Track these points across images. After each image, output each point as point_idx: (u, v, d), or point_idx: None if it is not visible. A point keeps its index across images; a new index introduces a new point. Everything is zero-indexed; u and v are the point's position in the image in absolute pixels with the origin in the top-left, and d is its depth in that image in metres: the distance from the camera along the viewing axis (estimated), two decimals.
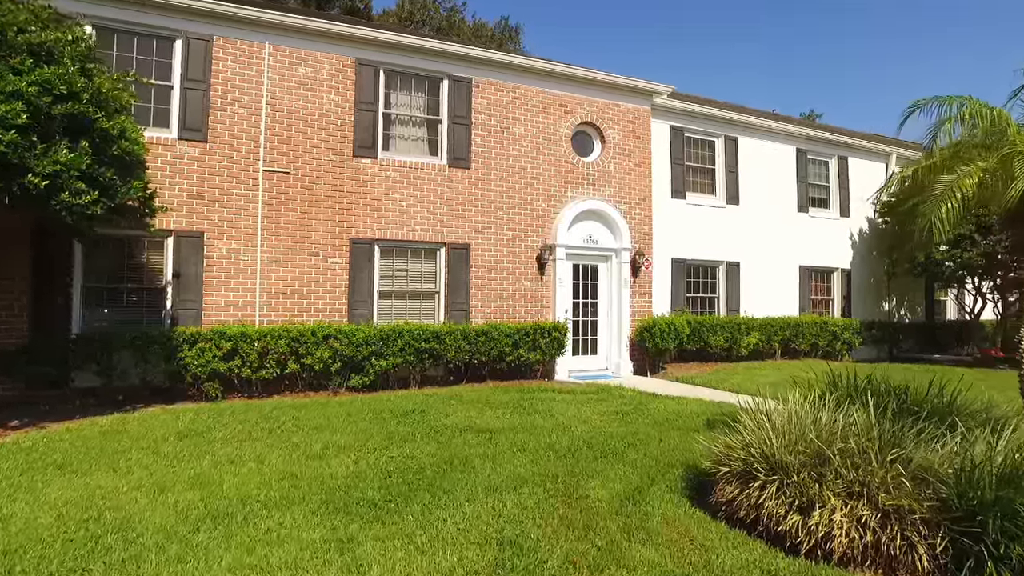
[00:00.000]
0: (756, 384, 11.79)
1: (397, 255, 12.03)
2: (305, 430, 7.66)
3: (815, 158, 17.75)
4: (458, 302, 12.24)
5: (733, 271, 16.07)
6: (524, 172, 12.98)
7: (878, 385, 5.67)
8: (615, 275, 13.70)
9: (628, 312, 13.66)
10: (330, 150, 11.51)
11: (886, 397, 5.27)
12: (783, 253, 16.87)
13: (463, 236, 12.39)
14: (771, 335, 15.54)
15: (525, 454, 6.60)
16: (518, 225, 12.86)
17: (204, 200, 10.60)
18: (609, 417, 8.43)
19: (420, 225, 12.08)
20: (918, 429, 4.50)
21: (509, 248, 12.76)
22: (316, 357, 10.41)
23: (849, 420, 4.63)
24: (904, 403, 5.22)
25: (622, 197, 13.92)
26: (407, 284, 12.09)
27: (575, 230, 13.33)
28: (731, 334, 14.81)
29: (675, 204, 15.31)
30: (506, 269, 12.70)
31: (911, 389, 5.77)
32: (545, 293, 13.04)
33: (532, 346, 11.98)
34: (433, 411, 8.74)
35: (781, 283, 16.85)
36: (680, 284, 15.29)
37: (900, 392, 5.51)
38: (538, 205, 13.06)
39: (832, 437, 4.52)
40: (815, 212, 17.62)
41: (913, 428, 4.51)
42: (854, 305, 18.10)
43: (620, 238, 13.63)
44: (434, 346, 11.18)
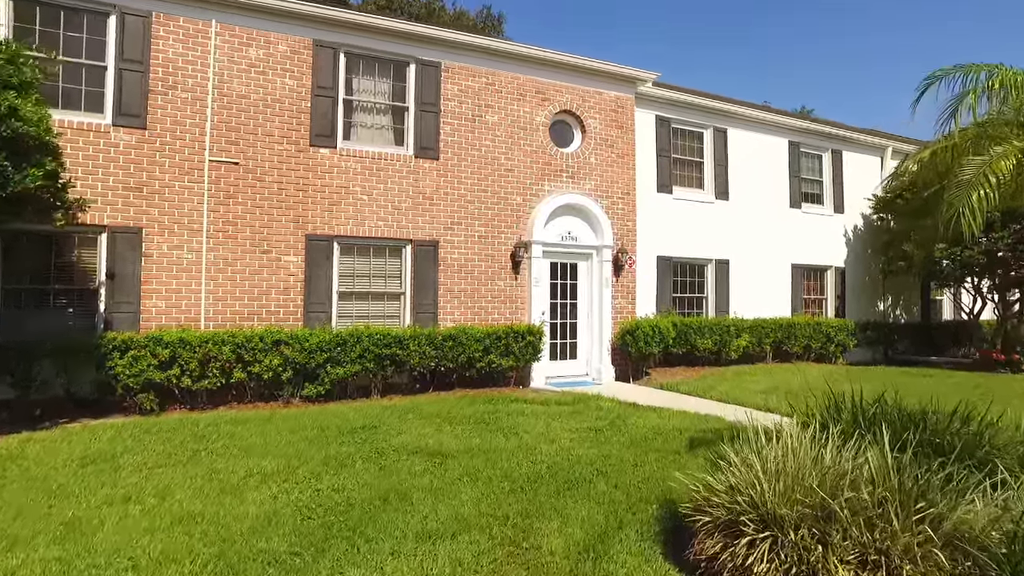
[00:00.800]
0: (746, 392, 10.87)
1: (359, 253, 11.02)
2: (234, 452, 6.65)
3: (808, 151, 16.80)
4: (425, 304, 11.24)
5: (722, 270, 15.12)
6: (498, 164, 11.98)
7: (890, 410, 4.69)
8: (596, 274, 12.72)
9: (610, 314, 12.69)
10: (284, 139, 10.48)
11: (902, 427, 4.29)
12: (775, 251, 15.93)
13: (431, 232, 11.38)
14: (762, 337, 14.60)
15: (476, 486, 5.61)
16: (491, 221, 11.87)
17: (143, 193, 9.56)
18: (581, 435, 7.45)
19: (384, 220, 11.07)
20: (947, 475, 3.53)
21: (481, 245, 11.76)
22: (265, 365, 9.41)
23: (859, 462, 3.65)
24: (924, 434, 4.24)
25: (604, 191, 12.94)
26: (370, 284, 11.08)
27: (553, 226, 12.35)
28: (720, 336, 13.86)
29: (661, 199, 14.34)
30: (478, 268, 11.71)
31: (928, 412, 4.81)
32: (520, 294, 12.06)
33: (504, 351, 11.00)
34: (386, 427, 7.74)
35: (772, 282, 15.91)
36: (666, 284, 14.33)
37: (917, 419, 4.53)
38: (513, 199, 12.07)
39: (839, 484, 3.55)
40: (808, 208, 16.68)
41: (941, 472, 3.54)
42: (848, 305, 17.18)
43: (601, 234, 12.65)
44: (396, 352, 10.18)
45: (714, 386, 11.39)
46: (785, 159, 16.25)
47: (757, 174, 15.71)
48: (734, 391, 10.87)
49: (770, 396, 10.43)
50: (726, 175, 15.25)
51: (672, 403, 9.79)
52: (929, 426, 4.37)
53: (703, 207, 14.94)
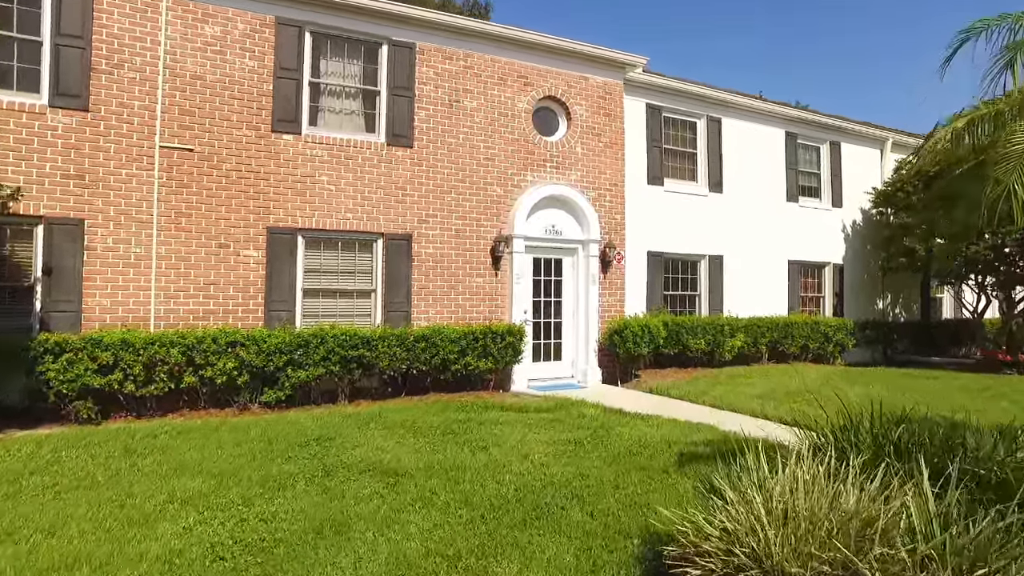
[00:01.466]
0: (741, 396, 10.06)
1: (326, 247, 10.16)
2: (163, 470, 5.81)
3: (806, 143, 16.00)
4: (397, 302, 10.39)
5: (716, 266, 14.31)
6: (477, 152, 11.13)
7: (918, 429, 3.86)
8: (582, 270, 11.90)
9: (597, 312, 11.87)
10: (244, 124, 9.61)
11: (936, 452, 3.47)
12: (771, 246, 15.12)
13: (404, 225, 10.53)
14: (758, 337, 13.79)
15: (429, 514, 4.78)
16: (469, 213, 11.02)
17: (85, 181, 8.69)
18: (558, 449, 6.62)
19: (353, 212, 10.21)
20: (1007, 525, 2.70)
21: (458, 239, 10.91)
22: (218, 368, 8.55)
23: (893, 506, 2.82)
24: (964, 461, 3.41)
25: (590, 182, 12.10)
26: (338, 281, 10.23)
27: (536, 219, 11.51)
28: (713, 336, 13.05)
29: (651, 191, 13.52)
30: (455, 263, 10.87)
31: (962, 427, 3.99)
32: (501, 291, 11.22)
33: (482, 353, 10.16)
34: (342, 439, 6.90)
35: (768, 279, 15.11)
36: (657, 280, 13.50)
37: (955, 442, 3.69)
38: (493, 190, 11.23)
39: (866, 535, 2.73)
40: (805, 202, 15.88)
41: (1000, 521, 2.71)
42: (847, 303, 16.39)
43: (588, 228, 11.82)
44: (364, 354, 9.33)
45: (707, 390, 10.57)
46: (782, 151, 15.44)
47: (753, 166, 14.90)
48: (728, 395, 10.06)
49: (767, 401, 9.62)
50: (720, 167, 14.43)
51: (661, 409, 8.97)
52: (969, 451, 3.53)
53: (696, 200, 14.13)
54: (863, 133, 16.67)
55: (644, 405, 9.35)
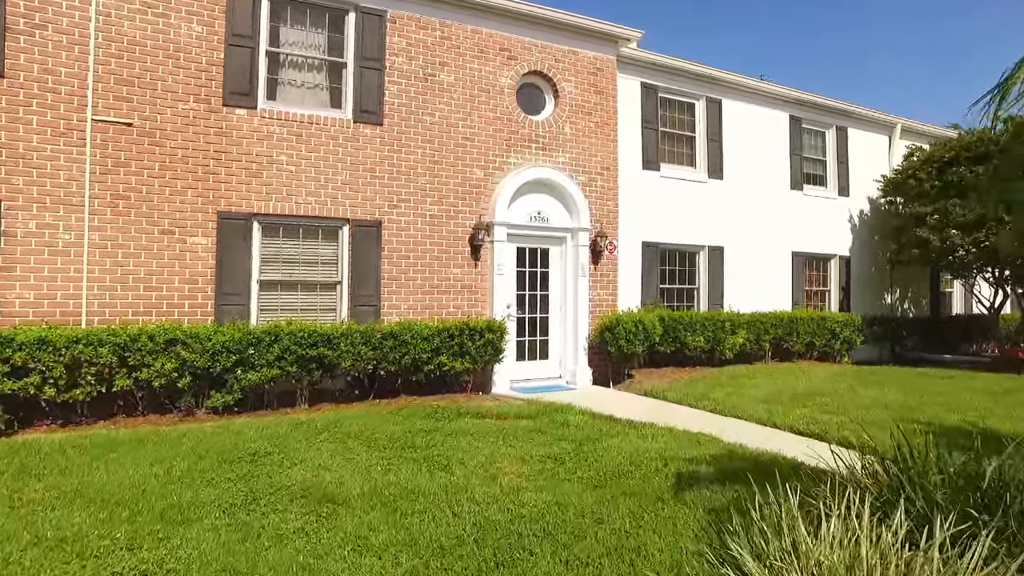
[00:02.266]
0: (745, 400, 9.00)
1: (285, 234, 9.08)
2: (53, 497, 4.74)
3: (811, 128, 14.93)
4: (365, 295, 9.32)
5: (716, 258, 13.25)
6: (454, 131, 10.04)
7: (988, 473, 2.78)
8: (571, 262, 10.83)
9: (587, 307, 10.80)
10: (191, 96, 8.52)
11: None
12: (774, 237, 14.06)
13: (372, 211, 9.45)
14: (760, 334, 12.74)
15: (359, 563, 3.72)
16: (446, 198, 9.94)
17: (1, 157, 7.59)
18: (534, 468, 5.56)
19: (315, 196, 9.13)
20: None
21: (433, 227, 9.83)
22: (155, 370, 7.48)
23: None
24: None
25: (580, 165, 11.03)
26: (298, 272, 9.15)
27: (520, 205, 10.43)
28: (713, 333, 11.99)
29: (647, 177, 12.44)
30: (429, 253, 9.79)
31: None
32: (481, 283, 10.14)
33: (458, 352, 9.09)
34: (284, 454, 5.84)
35: (771, 272, 14.05)
36: (652, 273, 12.44)
37: None
38: (472, 173, 10.14)
39: None
40: (810, 190, 14.81)
41: None
42: (853, 298, 15.35)
43: (577, 216, 10.75)
44: (324, 353, 8.27)
45: (707, 392, 9.52)
46: (786, 135, 14.37)
47: (755, 151, 13.83)
48: (731, 399, 9.00)
49: (774, 406, 8.57)
50: (720, 151, 13.36)
51: (656, 415, 7.92)
52: None
53: (695, 187, 13.06)
54: (871, 118, 15.59)
55: (637, 410, 8.30)
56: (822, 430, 7.25)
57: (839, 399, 9.19)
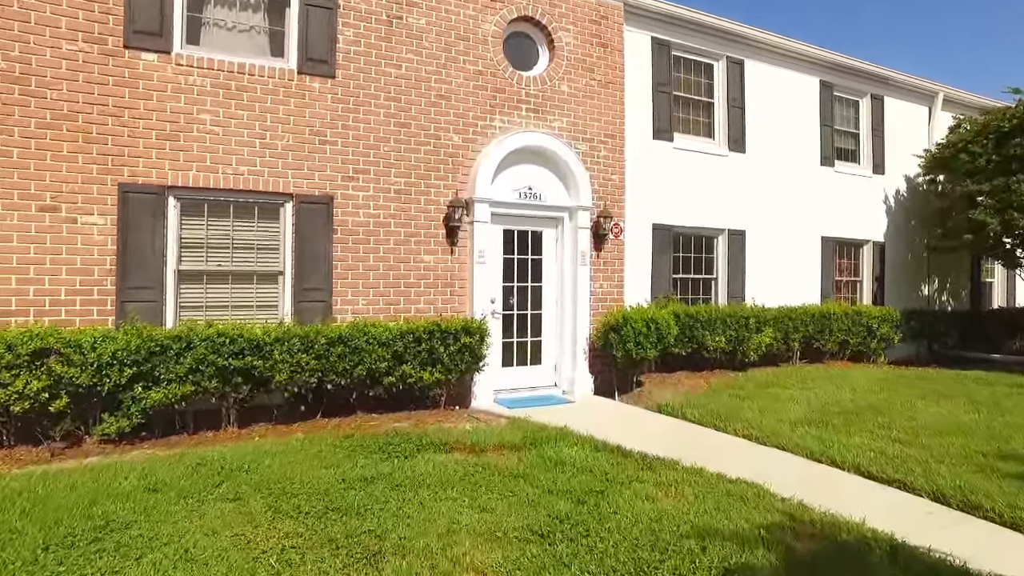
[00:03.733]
0: (785, 421, 7.09)
1: (212, 213, 7.14)
2: None
3: (843, 95, 12.91)
4: (313, 288, 7.38)
5: (737, 243, 11.29)
6: (426, 87, 8.06)
7: None
8: (568, 247, 8.88)
9: (587, 302, 8.87)
10: (81, 34, 6.54)
11: None
12: (802, 220, 12.10)
13: (322, 184, 7.50)
14: (789, 332, 10.80)
15: None
16: (415, 169, 7.98)
17: None
18: (511, 556, 3.64)
19: (249, 165, 7.17)
20: None
21: (399, 204, 7.88)
22: (14, 390, 5.57)
23: None
24: None
25: (580, 132, 9.05)
26: (229, 260, 7.21)
27: (507, 179, 8.47)
28: (736, 332, 10.05)
29: (658, 148, 10.47)
30: (394, 237, 7.84)
31: None
32: (458, 274, 8.20)
33: (427, 359, 7.18)
34: (142, 529, 3.93)
35: (799, 260, 12.10)
36: (664, 261, 10.49)
37: None
38: (448, 139, 8.17)
39: None
40: (842, 167, 12.82)
41: None
42: (888, 289, 13.40)
43: (576, 192, 8.79)
44: (253, 364, 6.35)
45: (735, 408, 7.61)
46: (815, 104, 12.36)
47: (781, 121, 11.84)
48: (767, 419, 7.09)
49: (823, 430, 6.66)
50: (742, 121, 11.36)
51: (678, 445, 6.01)
52: None
53: (713, 161, 11.08)
54: (910, 86, 13.55)
55: (652, 436, 6.39)
56: (901, 472, 5.35)
57: (900, 419, 7.29)
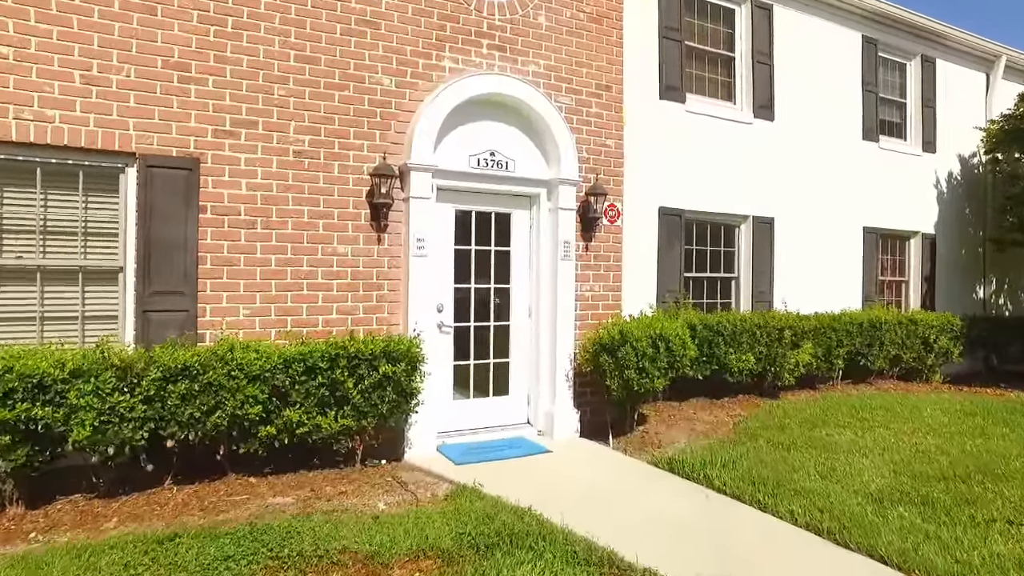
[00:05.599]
0: (863, 494, 4.66)
1: (7, 177, 4.72)
2: None
3: (889, 56, 10.49)
4: (168, 292, 4.95)
5: (763, 233, 8.88)
6: (344, 8, 5.61)
7: None
8: (546, 235, 6.44)
9: (572, 310, 6.43)
10: None
11: None
12: (841, 206, 9.70)
13: (183, 141, 5.04)
14: (831, 347, 8.39)
15: None
16: (326, 123, 5.53)
17: None
18: None
19: (64, 108, 4.73)
20: None
21: (301, 172, 5.43)
22: None
23: None
24: None
25: (563, 80, 6.61)
26: (40, 249, 4.79)
27: (460, 140, 6.03)
28: (767, 348, 7.63)
29: (666, 111, 8.05)
30: (293, 218, 5.39)
31: None
32: (388, 271, 5.77)
33: (327, 399, 4.76)
34: None
35: (836, 255, 9.70)
36: (673, 255, 8.08)
37: None
38: (375, 82, 5.72)
39: None
40: (887, 143, 10.40)
41: None
42: (938, 291, 11.00)
43: (557, 161, 6.35)
44: (36, 413, 3.95)
45: (783, 469, 5.19)
46: (857, 63, 9.94)
47: (817, 83, 9.43)
48: (835, 490, 4.66)
49: (933, 517, 4.26)
50: (771, 80, 8.94)
51: (708, 545, 3.60)
52: None
53: (735, 130, 8.66)
54: (968, 46, 11.11)
55: (665, 520, 3.99)
56: None
57: None
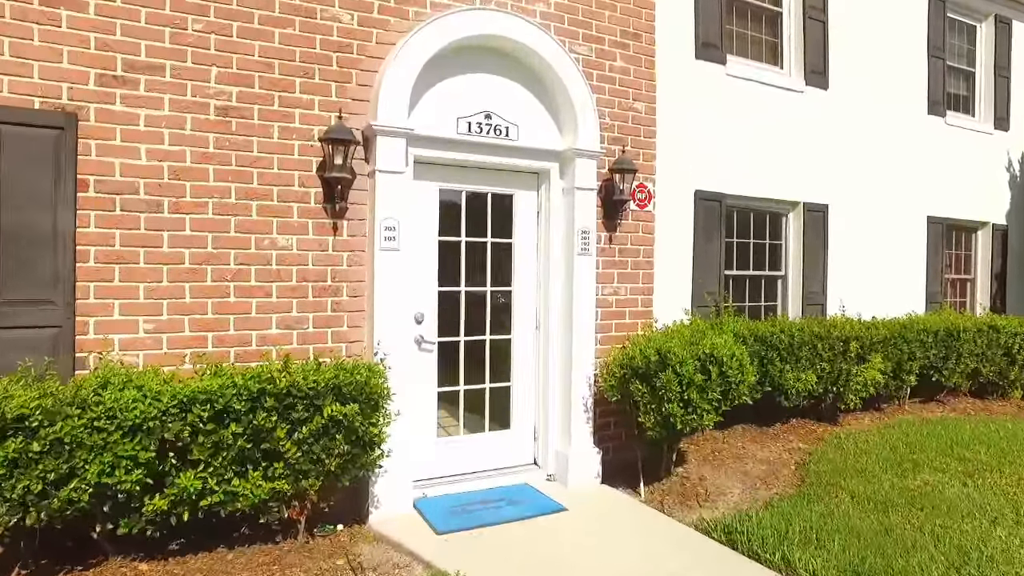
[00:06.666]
0: None
1: None
2: None
3: (958, 17, 8.93)
4: (29, 301, 3.50)
5: (815, 224, 7.37)
6: None
7: None
8: (559, 223, 4.95)
9: (592, 319, 4.94)
10: None
11: None
12: (902, 191, 8.18)
13: (48, 89, 3.58)
14: (902, 360, 6.86)
15: None
16: (263, 71, 4.04)
17: None
18: None
19: None
20: None
21: (227, 136, 3.94)
22: None
23: None
24: None
25: (580, 24, 5.10)
26: None
27: (445, 96, 4.53)
28: (830, 365, 6.10)
29: (704, 74, 6.55)
30: (215, 198, 3.91)
31: None
32: (348, 270, 4.28)
33: (250, 454, 3.30)
34: None
35: (897, 250, 8.18)
36: (712, 250, 6.58)
37: None
38: (332, 16, 4.23)
39: None
40: (954, 118, 8.85)
41: None
42: (1010, 290, 9.46)
43: (573, 127, 4.85)
44: None
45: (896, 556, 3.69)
46: (923, 24, 8.40)
47: (876, 46, 7.89)
48: None
49: None
50: (824, 41, 7.41)
51: None
52: None
53: (783, 99, 7.14)
54: None
55: None
56: None
57: None
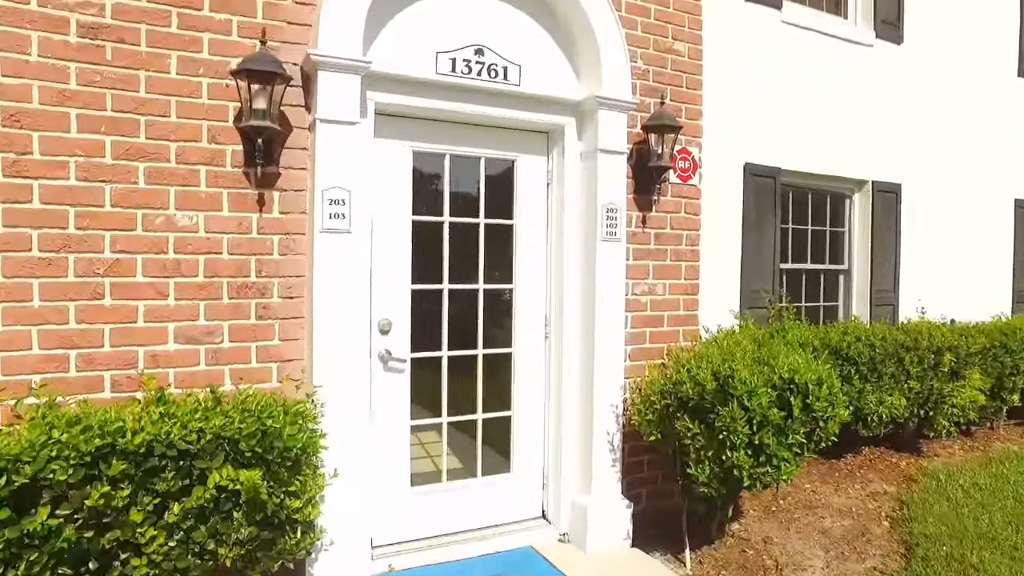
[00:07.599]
0: None
1: None
2: None
3: None
4: None
5: (885, 207, 6.02)
6: None
7: None
8: (575, 198, 3.67)
9: (620, 326, 3.66)
10: None
11: None
12: (986, 170, 6.80)
13: None
14: (1002, 375, 5.50)
15: None
16: None
17: None
18: None
19: None
20: None
21: (94, 64, 2.67)
22: None
23: None
24: None
25: None
26: None
27: (419, 23, 3.27)
28: (919, 383, 4.78)
29: (755, 19, 5.23)
30: (77, 156, 2.65)
31: None
32: (281, 261, 3.03)
33: (75, 557, 2.08)
34: None
35: (978, 238, 6.81)
36: (765, 236, 5.27)
37: None
38: None
39: None
40: None
41: None
42: None
43: (596, 66, 3.56)
44: None
45: None
46: None
47: None
48: None
49: None
50: None
51: None
52: None
53: (848, 54, 5.80)
54: None
55: None
56: None
57: None
